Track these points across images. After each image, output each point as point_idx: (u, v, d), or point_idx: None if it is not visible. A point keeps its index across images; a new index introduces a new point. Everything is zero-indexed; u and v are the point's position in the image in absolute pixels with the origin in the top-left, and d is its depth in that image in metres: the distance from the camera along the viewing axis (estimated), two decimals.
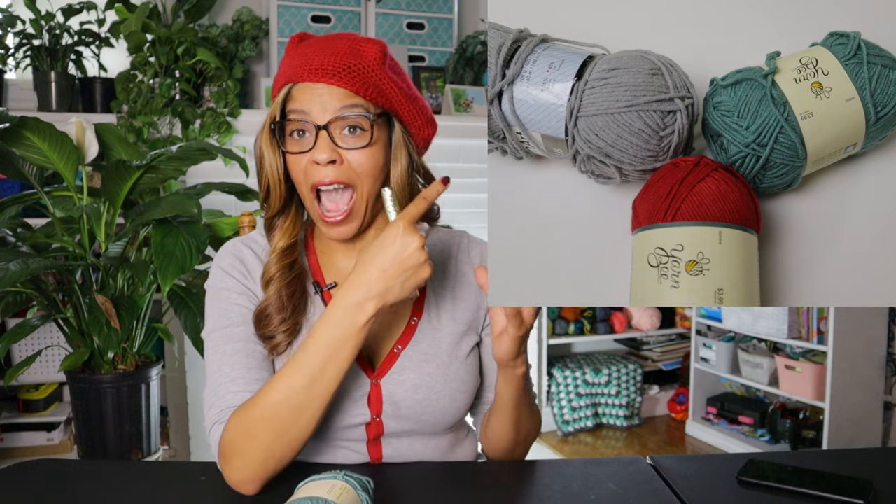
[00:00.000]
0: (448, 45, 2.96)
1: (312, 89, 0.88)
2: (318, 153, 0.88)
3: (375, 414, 0.95)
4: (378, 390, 0.95)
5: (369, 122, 0.89)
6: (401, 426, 0.96)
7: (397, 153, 0.94)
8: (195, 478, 0.92)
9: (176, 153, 1.74)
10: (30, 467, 0.95)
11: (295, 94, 0.90)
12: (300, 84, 0.89)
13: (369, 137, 0.89)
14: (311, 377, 0.84)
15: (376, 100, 0.90)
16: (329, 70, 0.88)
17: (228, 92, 2.42)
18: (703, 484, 0.91)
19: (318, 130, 0.88)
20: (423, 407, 0.96)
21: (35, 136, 1.73)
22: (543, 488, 0.89)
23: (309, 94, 0.88)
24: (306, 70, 0.88)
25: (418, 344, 0.98)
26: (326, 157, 0.88)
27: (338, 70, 0.88)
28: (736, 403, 3.25)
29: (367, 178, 0.91)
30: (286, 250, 0.96)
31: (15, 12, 2.41)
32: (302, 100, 0.89)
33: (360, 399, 0.94)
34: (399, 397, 0.95)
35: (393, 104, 0.92)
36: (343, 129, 0.89)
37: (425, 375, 0.96)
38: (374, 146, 0.90)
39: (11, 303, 1.85)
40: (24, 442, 2.37)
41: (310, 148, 0.89)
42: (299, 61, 0.90)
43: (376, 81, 0.89)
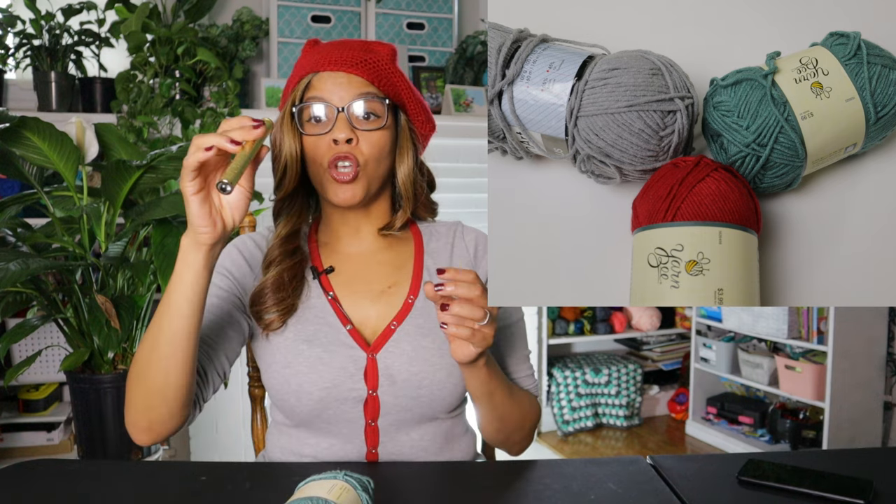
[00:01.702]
0: (448, 45, 2.96)
1: (333, 78, 0.97)
2: (338, 132, 0.95)
3: (372, 388, 0.97)
4: (374, 364, 0.97)
5: (383, 108, 0.98)
6: (398, 403, 0.97)
7: (404, 143, 1.02)
8: (195, 478, 0.92)
9: (176, 153, 1.74)
10: (30, 467, 0.95)
11: (315, 83, 0.98)
12: (321, 74, 0.98)
13: (383, 122, 0.98)
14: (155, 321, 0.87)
15: (387, 91, 0.99)
16: (347, 61, 0.97)
17: (228, 92, 2.42)
18: (703, 484, 0.91)
19: (339, 113, 0.96)
20: (418, 380, 0.97)
21: (35, 136, 1.73)
22: (543, 488, 0.89)
23: (329, 83, 0.97)
24: (327, 61, 0.98)
25: (414, 319, 1.00)
26: (345, 136, 0.95)
27: (355, 62, 0.97)
28: (736, 403, 3.25)
29: (372, 161, 0.97)
30: (289, 237, 1.02)
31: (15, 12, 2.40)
32: (322, 88, 0.97)
33: (356, 373, 0.97)
34: (395, 370, 0.97)
35: (401, 97, 1.01)
36: (359, 114, 0.97)
37: (421, 348, 0.98)
38: (386, 130, 0.99)
39: (11, 303, 1.85)
40: (24, 442, 2.37)
41: (328, 130, 0.96)
42: (318, 57, 0.99)
43: (388, 75, 0.99)
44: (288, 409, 1.00)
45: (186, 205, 0.81)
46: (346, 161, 0.95)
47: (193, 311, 0.85)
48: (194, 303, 0.85)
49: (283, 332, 0.99)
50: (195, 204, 0.80)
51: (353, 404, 0.97)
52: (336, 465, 0.92)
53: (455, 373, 0.98)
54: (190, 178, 0.79)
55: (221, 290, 1.00)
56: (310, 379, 0.96)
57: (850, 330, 2.82)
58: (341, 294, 1.02)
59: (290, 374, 0.97)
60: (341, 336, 0.99)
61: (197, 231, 0.82)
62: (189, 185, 0.79)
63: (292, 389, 0.97)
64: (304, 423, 1.00)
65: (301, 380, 0.96)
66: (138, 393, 0.89)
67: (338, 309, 1.00)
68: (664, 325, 3.60)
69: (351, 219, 1.04)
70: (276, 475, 0.91)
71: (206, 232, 0.82)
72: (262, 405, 1.26)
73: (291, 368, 0.97)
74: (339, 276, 1.03)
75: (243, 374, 1.28)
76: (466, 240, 1.08)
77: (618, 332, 3.48)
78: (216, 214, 0.82)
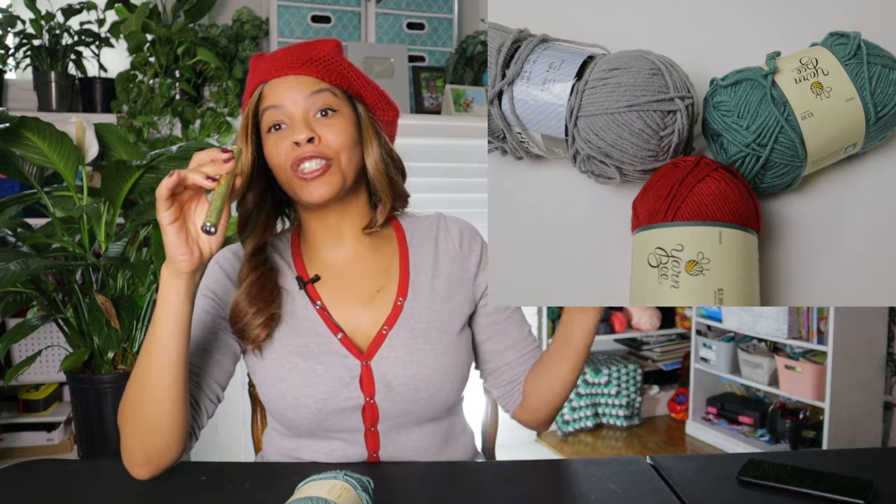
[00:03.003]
0: (448, 45, 2.96)
1: (283, 83, 0.96)
2: (297, 134, 0.93)
3: (368, 396, 0.96)
4: (369, 371, 0.97)
5: (337, 100, 0.97)
6: (396, 408, 0.97)
7: (367, 133, 1.00)
8: (195, 478, 0.92)
9: (176, 153, 1.74)
10: (30, 467, 0.95)
11: (266, 93, 0.97)
12: (270, 82, 0.97)
13: (341, 113, 0.96)
14: (143, 353, 0.87)
15: (339, 83, 0.98)
16: (293, 64, 0.96)
17: (228, 92, 2.42)
18: (703, 484, 0.91)
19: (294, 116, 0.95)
20: (415, 383, 0.97)
21: (35, 136, 1.73)
22: (543, 488, 0.89)
23: (280, 89, 0.96)
24: (272, 69, 0.97)
25: (406, 322, 1.00)
26: (305, 136, 0.93)
27: (301, 62, 0.96)
28: (736, 403, 3.25)
29: (343, 151, 0.96)
30: (255, 252, 1.00)
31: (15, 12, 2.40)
32: (274, 96, 0.96)
33: (351, 382, 0.96)
34: (391, 376, 0.96)
35: (355, 86, 1.00)
36: (315, 112, 0.95)
37: (414, 351, 0.97)
38: (346, 121, 0.97)
39: (11, 303, 1.85)
40: (24, 442, 2.37)
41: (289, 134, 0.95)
42: (264, 67, 0.98)
43: (336, 67, 0.98)
44: (286, 421, 0.99)
45: (163, 234, 0.82)
46: (312, 160, 0.93)
47: (180, 340, 0.86)
48: (181, 330, 0.85)
49: (275, 347, 0.98)
50: (171, 233, 0.81)
51: (352, 412, 0.97)
52: (336, 466, 0.91)
53: (451, 372, 0.98)
54: (165, 208, 0.80)
55: (206, 313, 0.99)
56: (305, 392, 0.95)
57: (850, 330, 2.82)
58: (329, 302, 1.00)
59: (286, 389, 0.96)
60: (333, 346, 0.97)
61: (175, 260, 0.83)
62: (165, 215, 0.80)
63: (289, 404, 0.96)
64: (303, 434, 1.00)
65: (297, 393, 0.95)
66: (132, 428, 0.88)
67: (327, 318, 0.99)
68: (664, 325, 3.60)
69: (331, 221, 1.02)
70: (276, 475, 0.91)
71: (184, 260, 0.83)
72: (261, 405, 1.25)
73: (287, 383, 0.96)
74: (325, 284, 1.01)
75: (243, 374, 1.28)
76: (451, 231, 1.07)
77: (618, 332, 3.48)
78: (192, 243, 0.83)
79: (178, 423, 0.88)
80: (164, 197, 0.80)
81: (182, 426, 0.89)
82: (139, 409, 0.87)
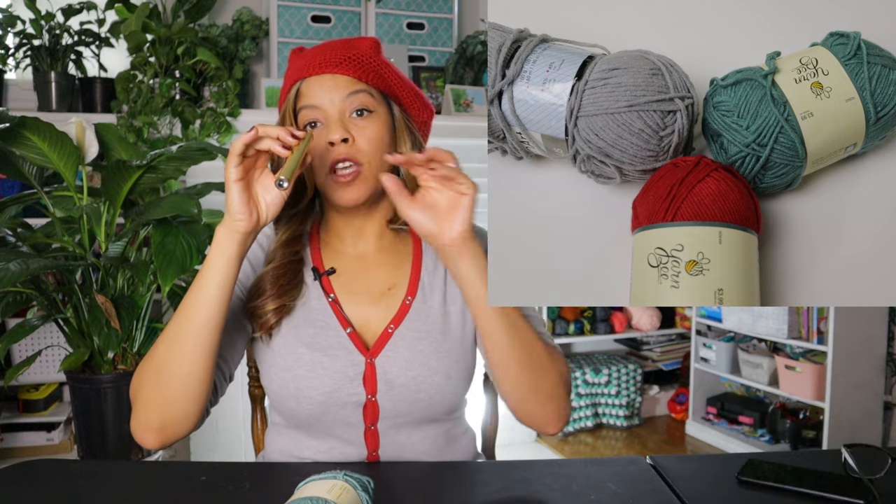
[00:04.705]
0: (448, 45, 2.96)
1: (320, 82, 0.96)
2: (333, 133, 0.94)
3: (370, 393, 0.97)
4: (372, 369, 0.97)
5: (373, 101, 0.97)
6: (396, 407, 0.97)
7: (401, 134, 1.00)
8: (195, 478, 0.92)
9: (176, 153, 1.74)
10: (30, 467, 0.95)
11: (303, 91, 0.97)
12: (307, 80, 0.97)
13: (377, 115, 0.97)
14: (180, 310, 0.88)
15: (376, 83, 0.98)
16: (330, 62, 0.96)
17: (228, 92, 2.42)
18: (703, 484, 0.91)
19: (330, 116, 0.95)
20: (416, 384, 0.97)
21: (35, 136, 1.73)
22: (543, 488, 0.89)
23: (317, 88, 0.96)
24: (310, 66, 0.97)
25: (411, 322, 1.00)
26: (340, 136, 0.93)
27: (338, 61, 0.97)
28: (736, 403, 3.25)
29: (375, 159, 0.96)
30: (290, 241, 1.02)
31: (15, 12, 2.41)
32: (311, 94, 0.96)
33: (355, 378, 0.97)
34: (393, 375, 0.97)
35: (392, 87, 1.00)
36: (351, 112, 0.96)
37: (417, 352, 0.98)
38: (380, 123, 0.97)
39: (11, 303, 1.85)
40: (24, 442, 2.37)
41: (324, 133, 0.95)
42: (302, 63, 0.99)
43: (373, 67, 0.98)
44: (287, 411, 0.99)
45: (228, 191, 0.84)
46: (346, 162, 0.94)
47: (223, 299, 0.87)
48: (224, 290, 0.87)
49: (283, 335, 0.98)
50: (236, 191, 0.84)
51: (353, 408, 0.97)
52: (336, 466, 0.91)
53: (453, 375, 0.98)
54: (235, 164, 0.83)
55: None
56: (309, 383, 0.96)
57: (850, 330, 2.82)
58: (342, 296, 1.01)
59: (290, 378, 0.97)
60: (341, 339, 0.98)
61: (234, 218, 0.85)
62: (233, 171, 0.83)
63: (291, 393, 0.97)
64: (303, 426, 1.00)
65: (300, 384, 0.96)
66: (155, 389, 0.88)
67: (338, 311, 1.00)
68: (664, 325, 3.60)
69: (356, 220, 1.02)
70: (276, 475, 0.91)
71: (242, 220, 0.85)
72: (262, 405, 1.26)
73: (291, 372, 0.97)
74: (339, 278, 1.02)
75: (243, 374, 1.28)
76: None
77: (618, 332, 3.47)
78: (252, 205, 0.86)
79: (203, 389, 0.89)
80: (237, 152, 0.83)
81: (204, 393, 0.89)
82: (167, 368, 0.87)
